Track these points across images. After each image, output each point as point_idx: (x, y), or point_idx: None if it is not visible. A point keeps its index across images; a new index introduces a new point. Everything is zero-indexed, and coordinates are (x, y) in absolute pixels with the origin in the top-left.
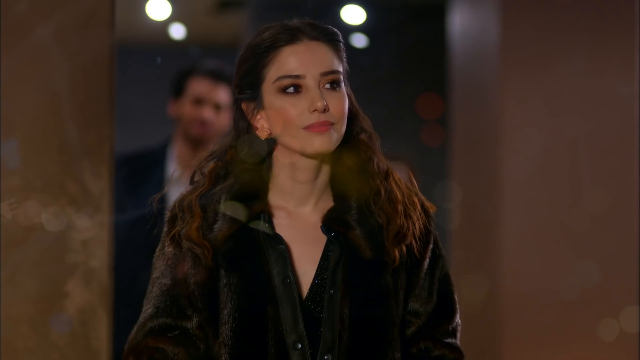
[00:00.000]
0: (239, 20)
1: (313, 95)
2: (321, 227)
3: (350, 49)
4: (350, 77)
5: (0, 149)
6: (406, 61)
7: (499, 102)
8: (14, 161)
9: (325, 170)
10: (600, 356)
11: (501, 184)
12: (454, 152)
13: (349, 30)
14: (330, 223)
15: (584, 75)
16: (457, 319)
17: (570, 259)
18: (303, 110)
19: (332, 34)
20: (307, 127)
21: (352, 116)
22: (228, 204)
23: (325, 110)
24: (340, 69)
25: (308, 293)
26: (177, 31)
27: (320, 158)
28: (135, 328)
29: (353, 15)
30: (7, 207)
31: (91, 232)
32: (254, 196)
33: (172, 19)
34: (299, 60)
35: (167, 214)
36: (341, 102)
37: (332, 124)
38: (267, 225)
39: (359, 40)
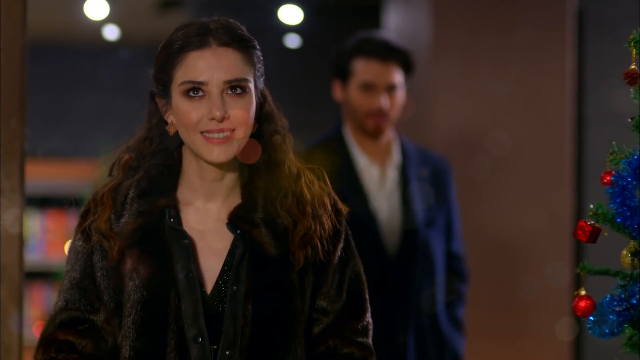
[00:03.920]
0: (180, 20)
1: (213, 102)
2: (227, 224)
3: (285, 49)
4: (284, 77)
5: None
6: None
7: (431, 100)
8: None
9: (233, 169)
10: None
11: None
12: None
13: (286, 30)
14: (236, 220)
15: (516, 75)
16: (368, 318)
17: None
18: (203, 115)
19: (245, 40)
20: (205, 134)
21: (268, 117)
22: (135, 197)
23: (223, 119)
24: (249, 77)
25: (213, 288)
26: (111, 32)
27: None
28: (47, 321)
29: (290, 15)
30: None
31: (2, 229)
32: (162, 191)
33: (111, 18)
34: (204, 66)
35: (82, 208)
36: (244, 108)
37: (233, 129)
38: (172, 220)
39: (294, 41)
